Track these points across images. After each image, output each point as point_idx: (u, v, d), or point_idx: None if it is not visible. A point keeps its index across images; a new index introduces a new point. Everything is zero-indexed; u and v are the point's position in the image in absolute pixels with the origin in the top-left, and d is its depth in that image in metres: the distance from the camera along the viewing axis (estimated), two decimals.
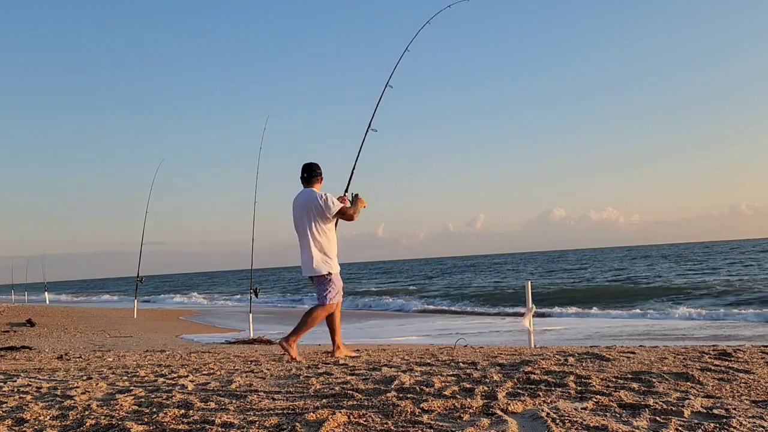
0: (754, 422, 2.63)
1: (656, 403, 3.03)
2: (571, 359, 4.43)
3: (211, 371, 4.95)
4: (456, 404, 3.15)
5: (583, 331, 13.10)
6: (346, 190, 6.42)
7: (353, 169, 6.74)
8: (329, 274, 5.82)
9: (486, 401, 3.20)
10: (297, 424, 2.91)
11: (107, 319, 18.51)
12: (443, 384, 3.69)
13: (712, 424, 2.61)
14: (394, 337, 12.79)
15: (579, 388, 3.44)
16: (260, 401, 3.46)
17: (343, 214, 5.92)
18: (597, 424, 2.66)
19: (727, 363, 4.06)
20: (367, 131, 6.95)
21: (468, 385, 3.60)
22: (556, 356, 4.66)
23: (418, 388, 3.57)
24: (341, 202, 6.02)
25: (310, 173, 6.01)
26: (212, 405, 3.44)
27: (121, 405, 3.56)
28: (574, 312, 18.43)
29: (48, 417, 3.37)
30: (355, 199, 6.12)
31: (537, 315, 7.73)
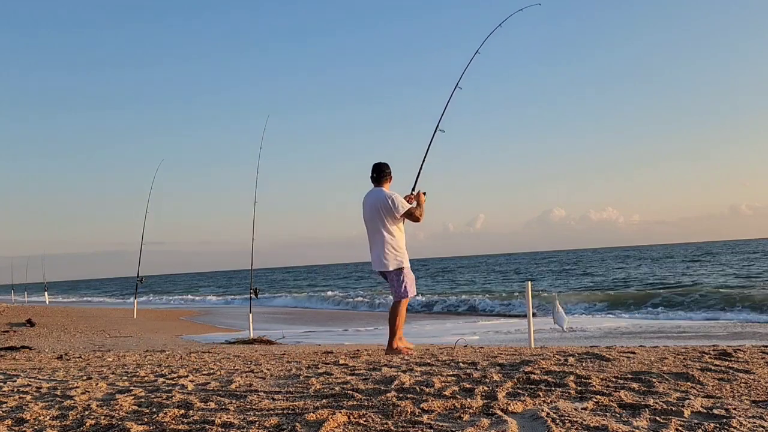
0: (754, 422, 2.63)
1: (656, 403, 3.02)
2: (571, 359, 4.43)
3: (211, 371, 4.95)
4: (456, 404, 3.15)
5: (584, 330, 13.09)
6: (413, 189, 6.53)
7: (420, 168, 6.78)
8: (402, 268, 6.03)
9: (486, 401, 3.20)
10: (297, 424, 2.91)
11: (107, 319, 18.51)
12: (443, 384, 3.68)
13: (712, 424, 2.61)
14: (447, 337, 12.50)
15: (579, 388, 3.43)
16: (260, 401, 3.46)
17: (410, 215, 6.11)
18: (597, 424, 2.66)
19: (727, 363, 4.05)
20: (435, 131, 6.97)
21: (468, 385, 3.60)
22: (556, 356, 4.66)
23: (418, 388, 3.57)
24: (409, 201, 6.22)
25: (380, 173, 6.19)
26: (212, 405, 3.44)
27: (121, 405, 3.56)
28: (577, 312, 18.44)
29: (48, 417, 3.37)
30: (418, 196, 6.28)
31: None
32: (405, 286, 6.03)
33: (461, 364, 4.49)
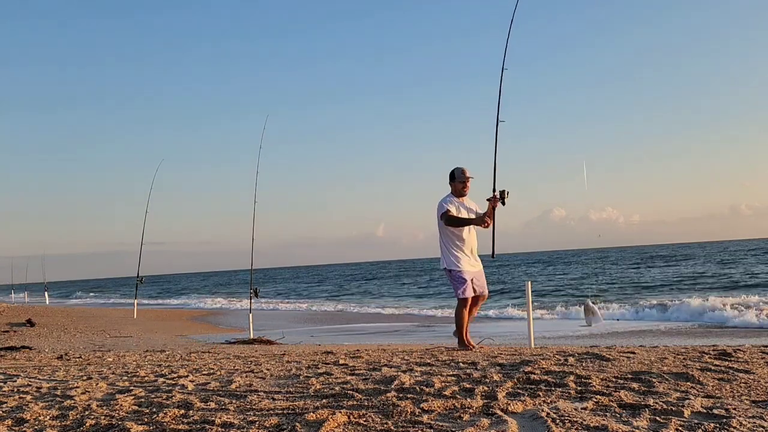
0: (754, 422, 2.63)
1: (656, 403, 3.02)
2: (571, 359, 4.43)
3: (211, 371, 4.95)
4: (456, 404, 3.15)
5: (585, 330, 13.08)
6: (494, 190, 6.42)
7: (495, 166, 6.60)
8: (447, 269, 6.26)
9: (486, 401, 3.20)
10: (297, 424, 2.91)
11: (107, 319, 18.51)
12: (443, 384, 3.69)
13: (712, 424, 2.61)
14: None
15: (579, 388, 3.44)
16: (260, 401, 3.46)
17: (448, 221, 6.21)
18: (597, 424, 2.66)
19: (727, 363, 4.05)
20: (497, 124, 6.77)
21: (468, 385, 3.60)
22: (556, 356, 4.66)
23: (418, 388, 3.57)
24: (492, 202, 6.29)
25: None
26: (212, 405, 3.44)
27: (121, 405, 3.56)
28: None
29: (48, 417, 3.37)
30: (499, 196, 6.28)
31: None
32: (456, 288, 6.23)
33: (461, 364, 4.49)
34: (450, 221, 6.15)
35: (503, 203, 6.30)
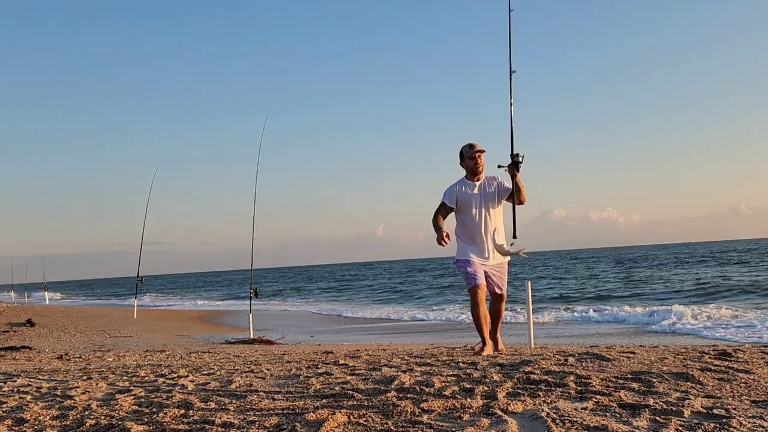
0: (754, 422, 2.63)
1: (656, 403, 3.02)
2: (571, 359, 4.43)
3: (211, 371, 4.95)
4: (456, 404, 3.15)
5: (587, 330, 13.10)
6: (512, 152, 5.61)
7: (511, 125, 5.76)
8: (455, 259, 5.72)
9: (486, 401, 3.20)
10: (297, 424, 2.91)
11: (107, 319, 18.52)
12: (443, 384, 3.68)
13: (712, 424, 2.61)
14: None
15: (579, 388, 3.43)
16: (260, 401, 3.46)
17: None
18: (597, 424, 2.66)
19: (727, 363, 4.05)
20: (510, 75, 5.95)
21: (468, 385, 3.60)
22: (556, 356, 4.66)
23: (418, 388, 3.57)
24: (510, 171, 5.55)
25: None
26: (212, 405, 3.44)
27: (121, 405, 3.56)
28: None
29: (48, 417, 3.37)
30: (513, 162, 5.56)
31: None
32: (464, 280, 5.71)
33: (461, 364, 4.49)
34: (433, 218, 5.63)
35: (517, 169, 5.55)
